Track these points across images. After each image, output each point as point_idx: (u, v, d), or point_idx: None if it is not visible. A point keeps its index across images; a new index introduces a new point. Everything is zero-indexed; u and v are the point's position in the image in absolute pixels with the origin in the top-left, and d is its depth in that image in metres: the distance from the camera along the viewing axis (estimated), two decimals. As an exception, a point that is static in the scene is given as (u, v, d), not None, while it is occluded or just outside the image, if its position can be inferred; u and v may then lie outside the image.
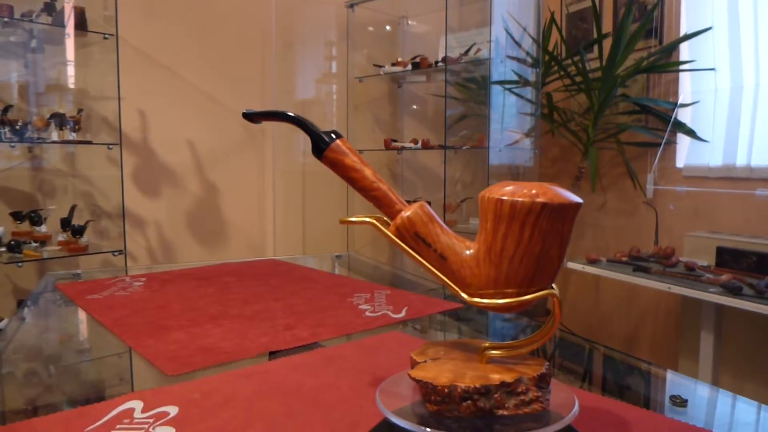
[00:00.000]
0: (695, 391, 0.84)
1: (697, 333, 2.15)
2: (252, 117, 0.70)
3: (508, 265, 0.53)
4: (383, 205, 0.63)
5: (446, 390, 0.51)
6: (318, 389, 0.77)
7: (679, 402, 0.69)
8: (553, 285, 0.56)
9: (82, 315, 1.18)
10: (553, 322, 0.54)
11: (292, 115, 0.68)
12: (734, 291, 1.85)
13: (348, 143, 0.66)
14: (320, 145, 0.66)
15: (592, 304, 3.11)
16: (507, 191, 0.52)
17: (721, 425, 0.66)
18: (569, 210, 0.51)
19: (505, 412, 0.51)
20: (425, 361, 0.58)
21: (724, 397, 0.77)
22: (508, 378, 0.51)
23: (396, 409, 0.54)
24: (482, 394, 0.51)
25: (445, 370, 0.55)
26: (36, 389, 0.84)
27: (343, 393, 0.76)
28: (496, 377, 0.52)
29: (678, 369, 2.42)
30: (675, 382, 0.86)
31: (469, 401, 0.51)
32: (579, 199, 0.52)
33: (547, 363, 0.53)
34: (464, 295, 0.56)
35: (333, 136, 0.65)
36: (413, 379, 0.54)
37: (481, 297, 0.55)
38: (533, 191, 0.51)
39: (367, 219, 0.63)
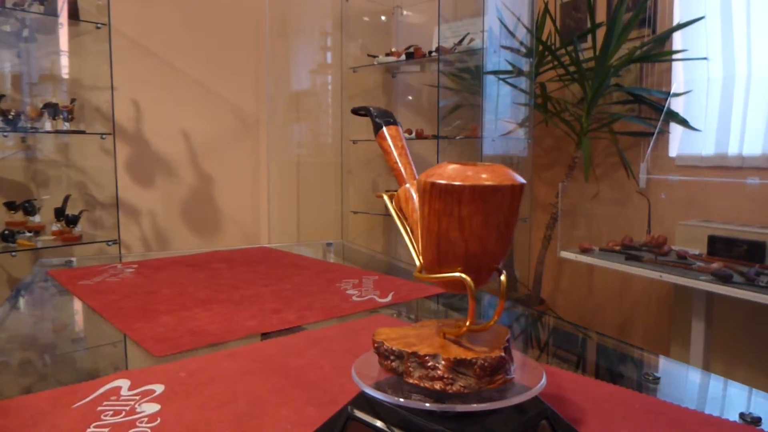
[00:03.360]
0: (670, 370, 0.86)
1: (689, 320, 2.17)
2: (355, 112, 0.78)
3: (421, 243, 0.55)
4: (398, 183, 0.68)
5: (376, 345, 0.56)
6: (301, 368, 0.78)
7: (652, 379, 0.70)
8: (502, 271, 0.54)
9: (72, 300, 1.19)
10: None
11: (365, 106, 0.76)
12: (725, 279, 1.86)
13: (395, 129, 0.71)
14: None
15: (585, 292, 3.13)
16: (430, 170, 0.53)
17: (690, 400, 0.68)
18: (463, 192, 0.50)
19: (411, 380, 0.53)
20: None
21: (695, 375, 0.79)
22: (422, 351, 0.53)
23: (372, 382, 0.56)
24: (397, 356, 0.54)
25: (398, 333, 0.58)
26: (25, 370, 0.86)
27: (326, 371, 0.77)
28: (416, 347, 0.54)
29: (670, 356, 2.44)
30: (651, 362, 0.88)
31: (388, 360, 0.55)
32: (483, 183, 0.50)
33: (501, 354, 0.52)
34: (417, 265, 0.58)
35: (384, 123, 0.70)
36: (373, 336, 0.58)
37: (421, 271, 0.58)
38: (442, 170, 0.51)
39: (384, 194, 0.68)
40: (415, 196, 0.63)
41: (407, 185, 0.66)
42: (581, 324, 3.23)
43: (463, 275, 0.53)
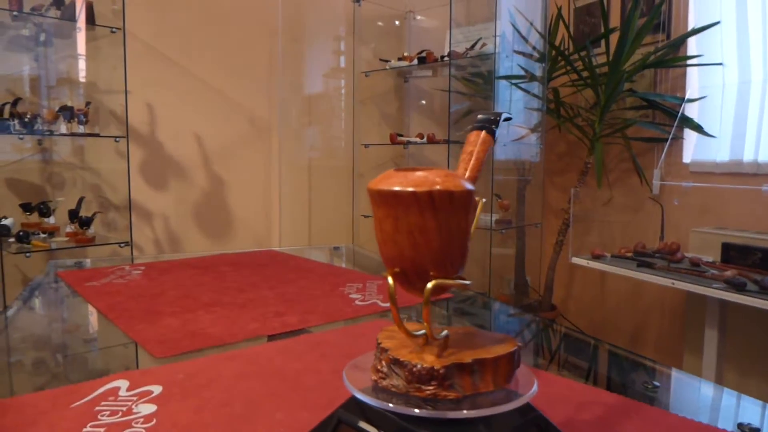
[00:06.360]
0: (670, 379, 0.84)
1: (702, 329, 2.13)
2: None
3: None
4: None
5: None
6: (299, 372, 0.79)
7: (651, 388, 0.70)
8: (432, 280, 0.53)
9: (78, 301, 1.20)
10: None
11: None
12: (738, 287, 1.83)
13: (476, 135, 0.66)
14: None
15: (597, 299, 3.10)
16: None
17: (688, 409, 0.67)
18: (374, 196, 0.52)
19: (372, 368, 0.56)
20: None
21: (696, 384, 0.78)
22: (384, 344, 0.56)
23: (364, 386, 0.56)
24: (379, 350, 0.56)
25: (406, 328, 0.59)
26: (25, 368, 0.87)
27: (324, 376, 0.77)
28: (387, 340, 0.57)
29: (682, 365, 2.41)
30: (651, 370, 0.87)
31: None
32: (385, 188, 0.51)
33: (434, 366, 0.52)
34: None
35: (473, 128, 0.68)
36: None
37: None
38: (386, 173, 0.53)
39: None
40: None
41: None
42: (592, 331, 3.19)
43: (389, 277, 0.54)
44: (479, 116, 0.67)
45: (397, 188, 0.51)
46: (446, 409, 0.51)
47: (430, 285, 0.53)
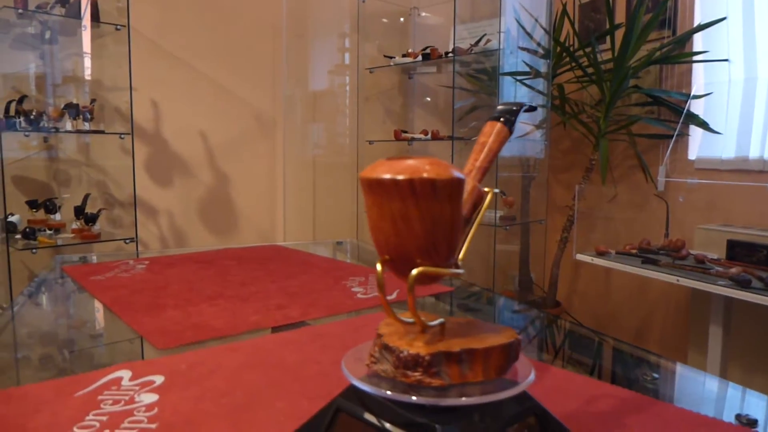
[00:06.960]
0: (669, 371, 0.84)
1: (706, 326, 2.13)
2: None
3: None
4: None
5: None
6: (300, 363, 0.79)
7: (650, 380, 0.70)
8: (418, 267, 0.52)
9: (83, 294, 1.21)
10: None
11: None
12: (743, 284, 1.83)
13: (492, 126, 0.66)
14: None
15: (601, 296, 3.09)
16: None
17: (688, 401, 0.67)
18: (362, 183, 0.53)
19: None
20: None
21: (695, 376, 0.78)
22: (381, 330, 0.57)
23: (362, 374, 0.56)
24: (376, 336, 0.57)
25: (407, 317, 0.60)
26: (29, 360, 0.88)
27: (324, 367, 0.78)
28: (385, 327, 0.58)
29: (687, 361, 2.40)
30: (651, 363, 0.87)
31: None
32: (370, 176, 0.51)
33: (419, 353, 0.52)
34: None
35: (490, 118, 0.67)
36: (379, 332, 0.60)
37: None
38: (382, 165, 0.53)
39: None
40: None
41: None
42: (597, 328, 3.19)
43: (378, 264, 0.54)
44: (498, 106, 0.66)
45: (381, 176, 0.51)
46: (443, 396, 0.51)
47: (414, 272, 0.52)
